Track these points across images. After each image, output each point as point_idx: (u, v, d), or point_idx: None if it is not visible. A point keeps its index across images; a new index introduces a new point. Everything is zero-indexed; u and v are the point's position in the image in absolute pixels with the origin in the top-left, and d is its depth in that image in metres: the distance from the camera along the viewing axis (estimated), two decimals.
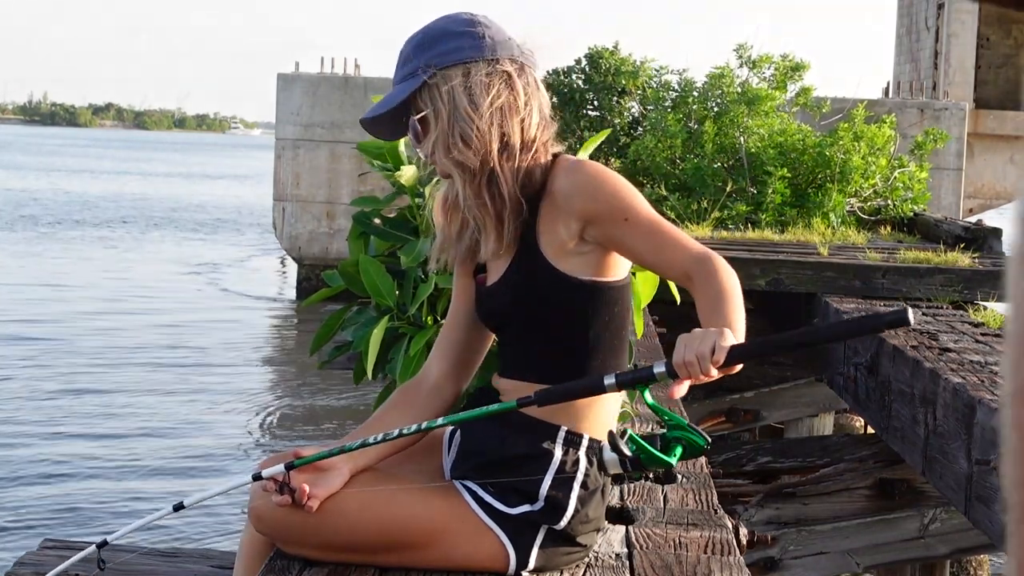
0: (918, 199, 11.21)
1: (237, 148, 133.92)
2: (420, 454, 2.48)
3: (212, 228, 35.73)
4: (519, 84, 2.31)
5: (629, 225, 2.22)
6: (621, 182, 2.28)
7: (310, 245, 19.50)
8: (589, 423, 2.33)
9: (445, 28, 2.31)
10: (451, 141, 2.27)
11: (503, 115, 2.29)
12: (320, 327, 3.10)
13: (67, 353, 15.75)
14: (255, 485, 2.31)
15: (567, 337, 2.30)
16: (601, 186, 2.26)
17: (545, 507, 2.28)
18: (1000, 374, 4.46)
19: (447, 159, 2.28)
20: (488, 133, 2.27)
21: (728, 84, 11.77)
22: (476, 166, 2.27)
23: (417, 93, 2.29)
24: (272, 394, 14.43)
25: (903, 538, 6.28)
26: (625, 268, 2.35)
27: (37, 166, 66.70)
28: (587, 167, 2.31)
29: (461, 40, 2.29)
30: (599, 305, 2.30)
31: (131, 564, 4.71)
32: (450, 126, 2.27)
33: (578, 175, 2.28)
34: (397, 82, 2.33)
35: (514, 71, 2.31)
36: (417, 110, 2.30)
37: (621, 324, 2.36)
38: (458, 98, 2.27)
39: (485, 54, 2.29)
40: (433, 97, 2.28)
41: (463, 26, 2.31)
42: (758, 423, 8.18)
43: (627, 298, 2.38)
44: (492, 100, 2.27)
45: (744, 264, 7.19)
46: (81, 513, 9.74)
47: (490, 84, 2.28)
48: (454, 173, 2.29)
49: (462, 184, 2.29)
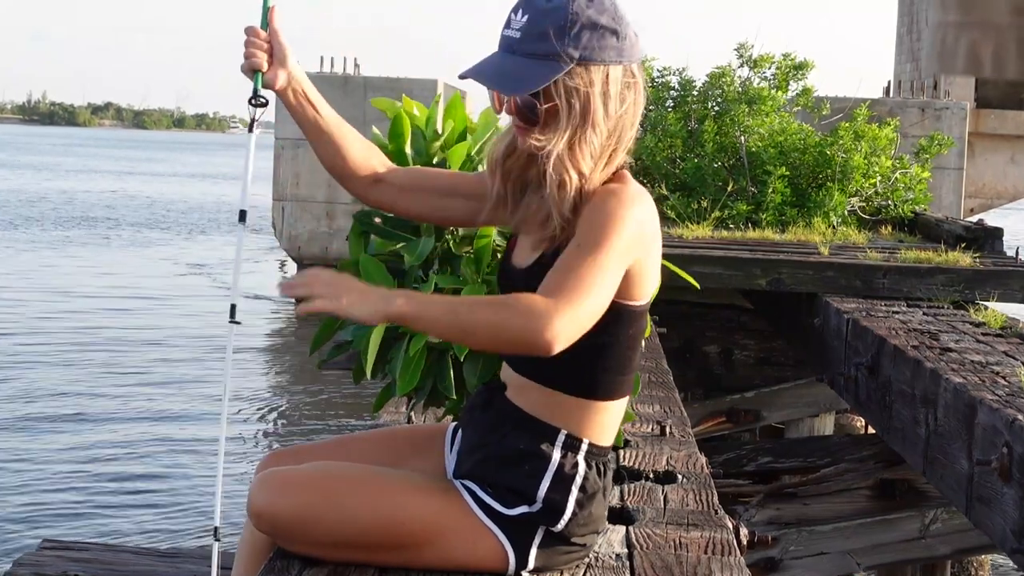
0: (919, 200, 11.21)
1: (237, 148, 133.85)
2: (422, 454, 2.48)
3: (211, 228, 35.72)
4: (642, 95, 2.23)
5: (577, 248, 2.13)
6: (616, 218, 2.13)
7: (310, 245, 19.49)
8: (591, 428, 2.31)
9: (594, 19, 2.15)
10: (577, 146, 2.17)
11: (623, 127, 2.22)
12: (319, 326, 3.09)
13: (66, 353, 15.75)
14: (254, 484, 2.31)
15: (577, 347, 2.21)
16: (595, 212, 2.15)
17: (543, 508, 2.28)
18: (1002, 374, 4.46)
19: (567, 160, 2.17)
20: (606, 146, 2.20)
21: (728, 84, 11.75)
22: (587, 173, 2.19)
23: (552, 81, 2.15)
24: (272, 393, 14.43)
25: (904, 538, 6.28)
26: (648, 293, 2.28)
27: (37, 166, 66.67)
28: (612, 198, 2.16)
29: (608, 38, 2.16)
30: (615, 324, 2.24)
31: (131, 564, 4.71)
32: (581, 130, 2.17)
33: (597, 199, 2.17)
34: (526, 53, 2.15)
35: (640, 79, 2.23)
36: (547, 97, 2.17)
37: (632, 345, 2.31)
38: (595, 104, 2.16)
39: (624, 58, 2.19)
40: (569, 92, 2.15)
41: (611, 20, 2.17)
42: (758, 423, 8.18)
43: (643, 323, 2.32)
44: (622, 114, 2.20)
45: (745, 264, 7.18)
46: (81, 513, 9.73)
47: (624, 96, 2.20)
48: (566, 176, 2.17)
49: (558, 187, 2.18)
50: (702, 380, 7.85)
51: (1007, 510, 3.74)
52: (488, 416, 2.37)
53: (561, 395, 2.30)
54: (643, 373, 4.57)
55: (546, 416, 2.30)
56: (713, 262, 7.16)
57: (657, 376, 4.63)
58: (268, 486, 2.29)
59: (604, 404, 2.31)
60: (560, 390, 2.30)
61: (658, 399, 4.22)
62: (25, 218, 35.10)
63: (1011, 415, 3.77)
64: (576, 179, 2.18)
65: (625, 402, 2.39)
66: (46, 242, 29.14)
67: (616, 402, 2.34)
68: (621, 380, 2.33)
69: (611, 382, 2.31)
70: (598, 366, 2.28)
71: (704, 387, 7.88)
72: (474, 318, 2.06)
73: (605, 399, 2.31)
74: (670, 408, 4.09)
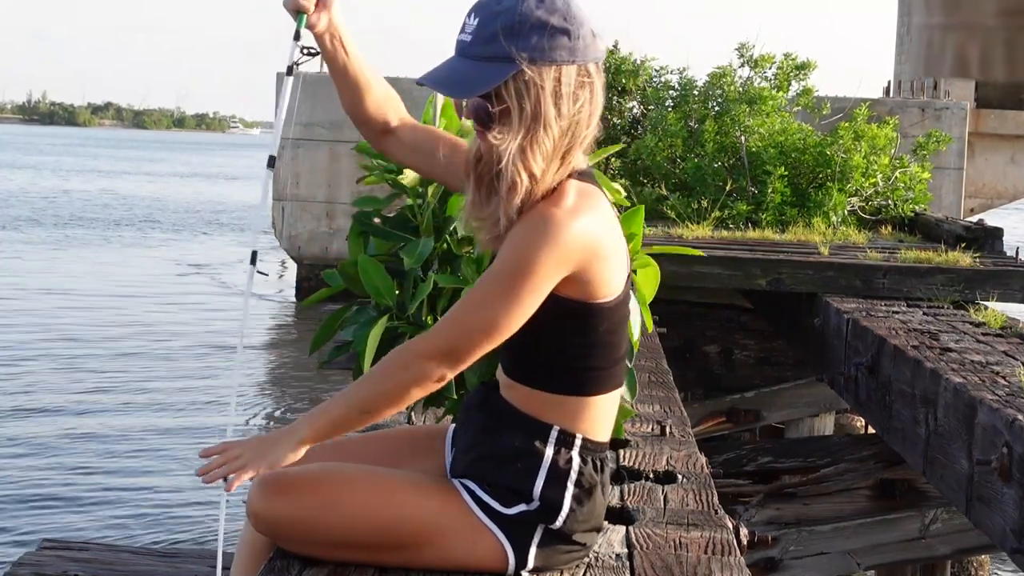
0: (919, 200, 11.21)
1: (236, 148, 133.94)
2: (422, 454, 2.48)
3: (211, 228, 35.73)
4: (599, 95, 2.22)
5: (486, 274, 2.19)
6: (534, 247, 2.13)
7: (310, 245, 19.49)
8: (584, 423, 2.31)
9: (543, 20, 2.15)
10: (529, 147, 2.17)
11: (578, 128, 2.21)
12: (320, 327, 3.09)
13: (66, 353, 15.75)
14: (253, 486, 2.31)
15: (551, 349, 2.27)
16: (515, 240, 2.16)
17: (541, 506, 2.28)
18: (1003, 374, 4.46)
19: (519, 162, 2.17)
20: (559, 147, 2.19)
21: (729, 84, 11.76)
22: (539, 174, 2.18)
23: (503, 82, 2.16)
24: (272, 393, 14.43)
25: (904, 538, 6.28)
26: (615, 290, 2.26)
27: (38, 166, 66.70)
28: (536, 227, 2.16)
29: (559, 38, 2.15)
30: (587, 323, 2.25)
31: (130, 564, 4.71)
32: (532, 131, 2.17)
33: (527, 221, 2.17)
34: (477, 56, 2.17)
35: (597, 78, 2.22)
36: (498, 99, 2.17)
37: (611, 340, 2.30)
38: (547, 104, 2.16)
39: (578, 58, 2.17)
40: (520, 93, 2.15)
41: (563, 20, 2.16)
42: (758, 423, 8.18)
43: (618, 316, 2.30)
44: (575, 113, 2.19)
45: (744, 264, 7.19)
46: (81, 513, 9.73)
47: (577, 95, 2.19)
48: (517, 177, 2.17)
49: (509, 188, 2.19)
50: (702, 380, 7.85)
51: (1007, 510, 3.74)
52: (483, 414, 2.38)
53: (548, 393, 2.30)
54: (643, 373, 4.57)
55: (538, 413, 2.30)
56: (713, 262, 7.16)
57: (657, 376, 4.63)
58: (267, 488, 2.29)
59: (594, 399, 2.31)
60: (545, 390, 2.30)
61: (658, 399, 4.22)
62: (25, 218, 35.10)
63: (1011, 415, 3.77)
64: (527, 181, 2.18)
65: (618, 394, 2.38)
66: (46, 242, 29.15)
67: (606, 396, 2.33)
68: (607, 373, 2.32)
69: (596, 377, 2.30)
70: (579, 364, 2.28)
71: (704, 387, 7.89)
72: (368, 396, 2.23)
73: (594, 394, 2.31)
74: (670, 408, 4.09)
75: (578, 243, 2.16)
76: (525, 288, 2.15)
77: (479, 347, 2.20)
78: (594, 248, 2.19)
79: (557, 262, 2.15)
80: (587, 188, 2.23)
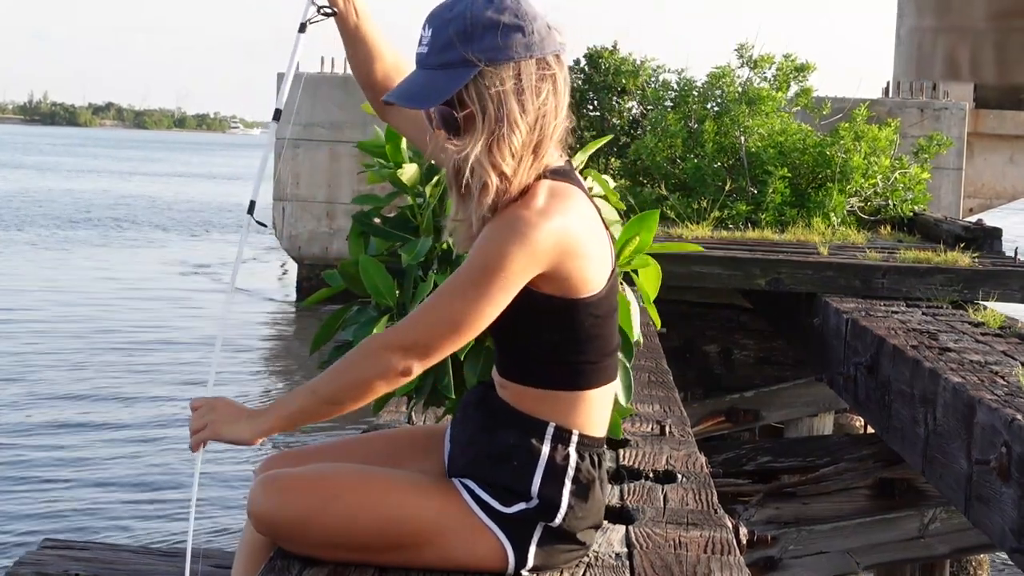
0: (919, 200, 11.22)
1: (237, 148, 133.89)
2: (422, 454, 2.49)
3: (211, 228, 35.73)
4: (562, 86, 2.22)
5: (454, 275, 2.20)
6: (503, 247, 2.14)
7: (310, 245, 19.49)
8: (579, 419, 2.32)
9: (494, 20, 2.16)
10: (496, 147, 2.17)
11: (545, 120, 2.21)
12: (320, 327, 3.10)
13: (67, 353, 15.76)
14: (254, 486, 2.32)
15: (539, 345, 2.28)
16: (492, 239, 2.17)
17: (540, 504, 2.28)
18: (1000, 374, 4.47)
19: (487, 163, 2.17)
20: (529, 143, 2.20)
21: (729, 84, 11.76)
22: (510, 173, 2.19)
23: (463, 87, 2.17)
24: (271, 394, 14.43)
25: (903, 538, 6.29)
26: (598, 284, 2.26)
27: (39, 166, 66.69)
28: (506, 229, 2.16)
29: (513, 35, 2.16)
30: (571, 319, 2.26)
31: (131, 563, 4.71)
32: (498, 131, 2.17)
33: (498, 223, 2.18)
34: (434, 65, 2.18)
35: (559, 70, 2.22)
36: (461, 104, 2.18)
37: (599, 333, 2.29)
38: (509, 103, 2.16)
39: (535, 52, 2.17)
40: (481, 95, 2.16)
41: (514, 17, 2.17)
42: (758, 423, 8.19)
43: (603, 310, 2.29)
44: (540, 106, 2.19)
45: (744, 264, 7.19)
46: (81, 513, 9.74)
47: (540, 89, 2.19)
48: (487, 179, 2.18)
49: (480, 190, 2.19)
50: (702, 380, 7.86)
51: (1006, 509, 3.75)
52: (480, 413, 2.39)
53: (541, 389, 2.31)
54: (643, 373, 4.58)
55: (533, 410, 2.31)
56: (713, 262, 7.17)
57: (657, 376, 4.64)
58: (268, 488, 2.30)
59: (587, 393, 2.31)
60: (538, 386, 2.31)
61: (658, 399, 4.23)
62: (25, 218, 35.09)
63: (1010, 415, 3.78)
64: (497, 181, 2.19)
65: (612, 389, 2.39)
66: (47, 242, 29.15)
67: (600, 390, 2.33)
68: (598, 367, 2.32)
69: (587, 371, 2.31)
70: (569, 359, 2.29)
71: (704, 387, 7.89)
72: (333, 387, 2.24)
73: (586, 388, 2.31)
74: (670, 408, 4.10)
75: (548, 243, 2.17)
76: (493, 287, 2.16)
77: (445, 343, 2.20)
78: (568, 246, 2.19)
79: (526, 262, 2.16)
80: (559, 187, 2.23)
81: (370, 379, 2.21)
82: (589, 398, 2.32)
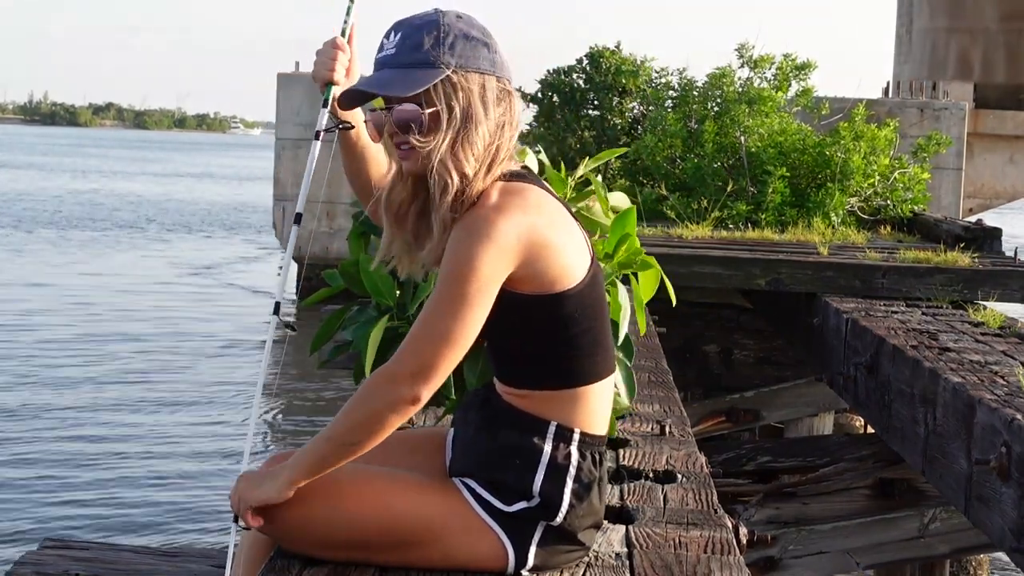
0: (918, 200, 11.22)
1: (237, 148, 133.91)
2: (422, 454, 2.49)
3: (212, 228, 35.74)
4: (517, 108, 2.31)
5: (433, 293, 2.21)
6: (471, 249, 2.17)
7: (310, 245, 19.49)
8: (579, 416, 2.32)
9: (465, 32, 2.26)
10: (460, 147, 2.22)
11: (503, 131, 2.28)
12: (320, 327, 3.10)
13: (66, 354, 15.76)
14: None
15: (530, 344, 2.29)
16: (456, 247, 2.19)
17: (541, 503, 2.29)
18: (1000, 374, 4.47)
19: (450, 162, 2.22)
20: (490, 147, 2.25)
21: (729, 84, 11.77)
22: (471, 175, 2.23)
23: (432, 86, 2.23)
24: (272, 394, 14.43)
25: (903, 538, 6.29)
26: (577, 275, 2.28)
27: (40, 166, 66.68)
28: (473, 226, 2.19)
29: (481, 49, 2.26)
30: (554, 313, 2.27)
31: (132, 563, 4.71)
32: (463, 131, 2.23)
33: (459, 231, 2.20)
34: (404, 64, 2.24)
35: (514, 96, 2.32)
36: (428, 103, 2.24)
37: (588, 325, 2.30)
38: (475, 105, 2.24)
39: (497, 71, 2.28)
40: (449, 95, 2.23)
41: (481, 34, 2.28)
42: (758, 423, 8.19)
43: (588, 300, 2.30)
44: (499, 116, 2.27)
45: (744, 264, 7.20)
46: (81, 513, 9.74)
47: (499, 101, 2.27)
48: (448, 178, 2.22)
49: (441, 191, 2.23)
50: (702, 380, 7.86)
51: (1006, 509, 3.75)
52: (482, 414, 2.39)
53: (540, 390, 2.31)
54: (643, 373, 4.58)
55: (534, 410, 2.31)
56: (713, 262, 7.18)
57: (657, 376, 4.64)
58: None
59: (586, 389, 2.32)
60: (536, 387, 2.32)
61: (658, 399, 4.23)
62: (26, 218, 35.09)
63: (1010, 415, 3.78)
64: (458, 182, 2.22)
65: (611, 383, 2.39)
66: (47, 242, 29.14)
67: (598, 384, 2.34)
68: (593, 360, 2.32)
69: (584, 365, 2.31)
70: (562, 353, 2.30)
71: (704, 387, 7.90)
72: (348, 428, 2.23)
73: (586, 383, 2.32)
74: (670, 408, 4.10)
75: (512, 238, 2.19)
76: (472, 291, 2.18)
77: (445, 359, 2.20)
78: (533, 238, 2.21)
79: (497, 259, 2.18)
80: (512, 185, 2.26)
81: (382, 413, 2.20)
82: (589, 394, 2.33)
